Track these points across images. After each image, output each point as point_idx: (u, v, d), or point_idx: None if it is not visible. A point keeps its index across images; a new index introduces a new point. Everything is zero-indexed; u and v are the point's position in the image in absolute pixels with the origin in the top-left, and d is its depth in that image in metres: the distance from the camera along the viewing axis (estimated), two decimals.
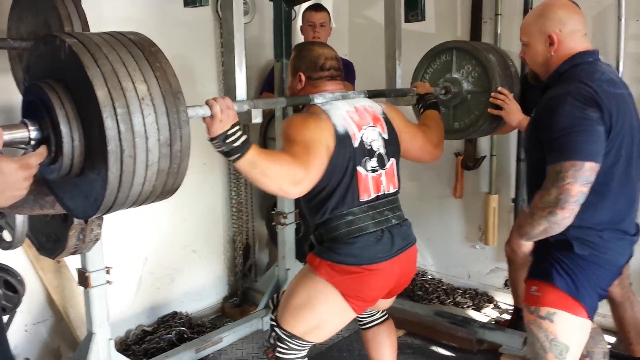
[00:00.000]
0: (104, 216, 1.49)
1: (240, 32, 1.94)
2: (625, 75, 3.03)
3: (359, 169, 2.03)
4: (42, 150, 1.23)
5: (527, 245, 1.97)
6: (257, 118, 1.90)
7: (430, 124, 2.38)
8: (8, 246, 2.18)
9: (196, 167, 3.23)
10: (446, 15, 3.74)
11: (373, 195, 2.08)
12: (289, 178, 1.80)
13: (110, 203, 1.25)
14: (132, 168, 1.21)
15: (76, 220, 2.05)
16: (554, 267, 1.86)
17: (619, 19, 3.01)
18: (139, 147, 1.20)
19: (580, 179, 1.69)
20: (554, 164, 1.74)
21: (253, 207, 3.92)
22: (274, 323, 2.15)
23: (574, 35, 1.90)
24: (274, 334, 2.13)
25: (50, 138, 1.24)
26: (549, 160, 1.76)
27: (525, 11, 3.29)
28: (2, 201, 1.15)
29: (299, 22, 3.73)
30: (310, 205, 2.09)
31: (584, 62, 1.88)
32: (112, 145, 1.16)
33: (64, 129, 1.21)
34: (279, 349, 2.12)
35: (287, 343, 2.11)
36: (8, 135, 1.22)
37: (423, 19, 2.87)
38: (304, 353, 2.17)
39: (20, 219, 2.15)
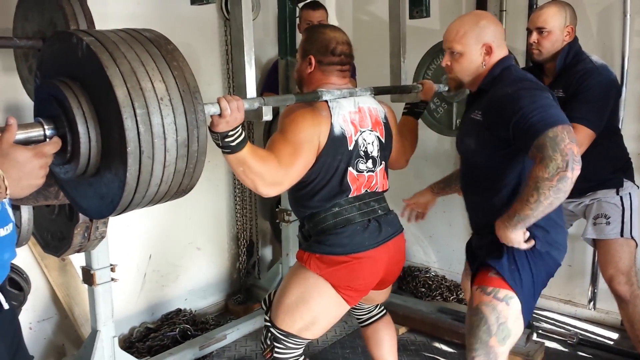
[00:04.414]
0: None
1: (250, 29, 1.93)
2: (631, 71, 3.03)
3: (351, 170, 2.05)
4: (57, 139, 1.22)
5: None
6: (267, 115, 1.88)
7: (408, 136, 2.41)
8: None
9: None
10: (451, 11, 3.71)
11: (362, 192, 2.10)
12: (267, 181, 1.84)
13: (127, 204, 1.24)
14: (150, 169, 1.20)
15: (82, 218, 2.05)
16: (510, 264, 1.91)
17: (625, 15, 3.01)
18: (158, 148, 1.19)
19: (574, 139, 1.67)
20: (544, 133, 1.67)
21: (257, 204, 3.92)
22: (268, 324, 2.15)
23: (500, 45, 2.01)
24: (270, 334, 2.13)
25: (66, 137, 1.22)
26: (531, 137, 1.70)
27: (530, 7, 3.28)
28: (19, 191, 1.14)
29: None
30: (296, 196, 2.10)
31: (510, 65, 2.00)
32: (131, 147, 1.14)
33: (81, 128, 1.19)
34: (276, 349, 2.12)
35: (284, 342, 2.11)
36: (23, 134, 1.21)
37: (428, 15, 2.86)
38: (301, 351, 2.18)
39: (26, 217, 2.14)
